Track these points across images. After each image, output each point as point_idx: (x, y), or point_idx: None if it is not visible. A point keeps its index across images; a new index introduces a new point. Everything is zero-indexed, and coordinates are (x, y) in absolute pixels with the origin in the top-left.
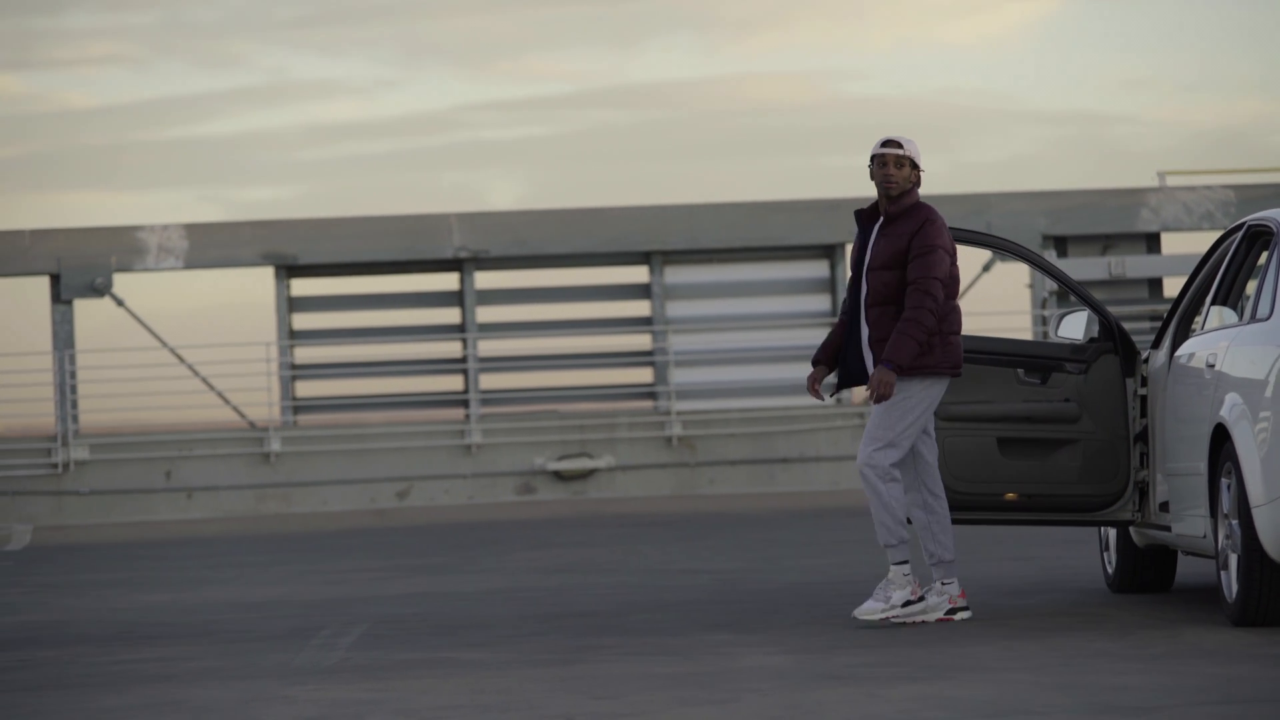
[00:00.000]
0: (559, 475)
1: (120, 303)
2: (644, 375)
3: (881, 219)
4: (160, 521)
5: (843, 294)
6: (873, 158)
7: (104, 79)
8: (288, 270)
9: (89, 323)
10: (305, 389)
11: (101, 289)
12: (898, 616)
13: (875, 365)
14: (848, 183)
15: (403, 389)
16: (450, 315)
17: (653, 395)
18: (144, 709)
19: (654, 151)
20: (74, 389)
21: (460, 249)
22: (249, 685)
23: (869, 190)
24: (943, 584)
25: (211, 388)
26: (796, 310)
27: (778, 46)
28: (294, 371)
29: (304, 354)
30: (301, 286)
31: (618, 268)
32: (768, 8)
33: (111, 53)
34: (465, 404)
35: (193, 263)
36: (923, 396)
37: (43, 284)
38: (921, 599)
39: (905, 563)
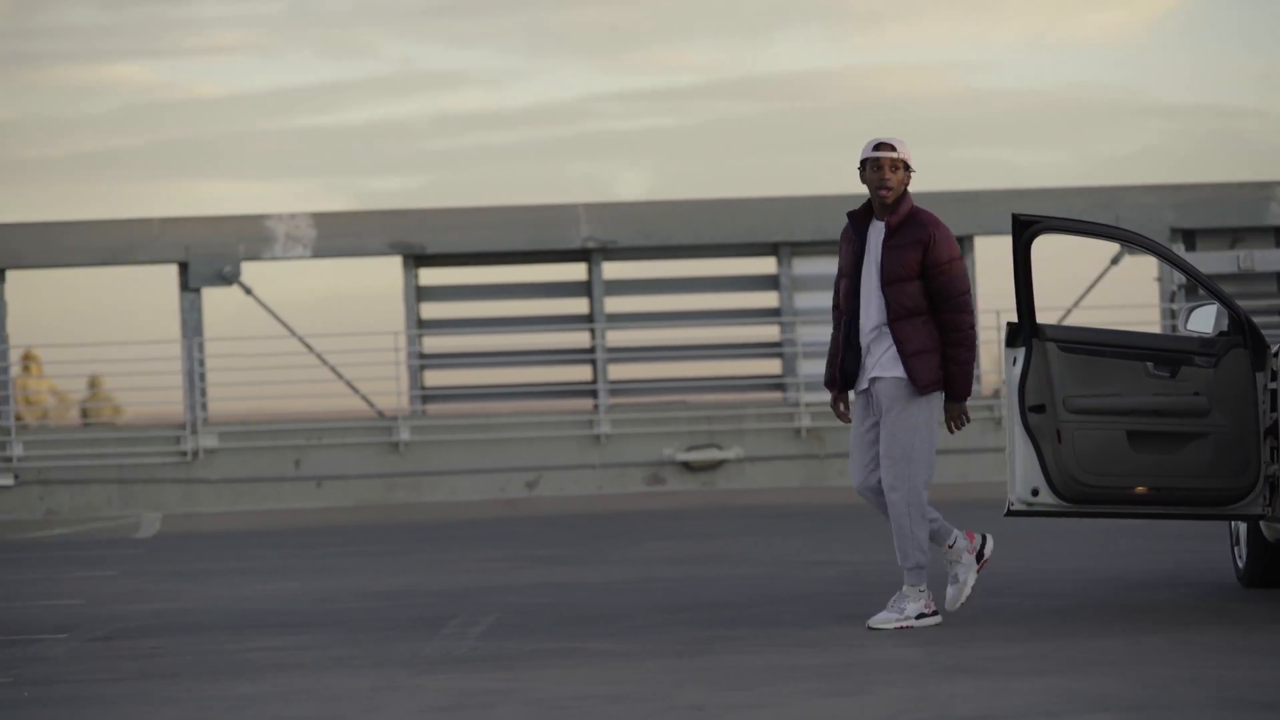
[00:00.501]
0: (688, 466)
1: (248, 291)
2: (772, 366)
3: (884, 229)
4: (289, 510)
5: (972, 286)
6: (865, 161)
7: (233, 68)
8: (416, 260)
9: (217, 311)
10: (434, 378)
11: (229, 277)
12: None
13: (918, 383)
14: (975, 175)
15: (531, 379)
16: (578, 305)
17: (781, 387)
18: (274, 697)
19: (782, 143)
20: (203, 377)
21: (588, 239)
22: (378, 674)
23: (995, 181)
24: (951, 556)
25: (340, 377)
26: None
27: (906, 39)
28: (422, 361)
29: (432, 343)
30: (429, 276)
31: (745, 259)
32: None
33: (241, 42)
34: (594, 394)
35: (321, 252)
36: (939, 407)
37: (171, 272)
38: (935, 612)
39: (923, 584)
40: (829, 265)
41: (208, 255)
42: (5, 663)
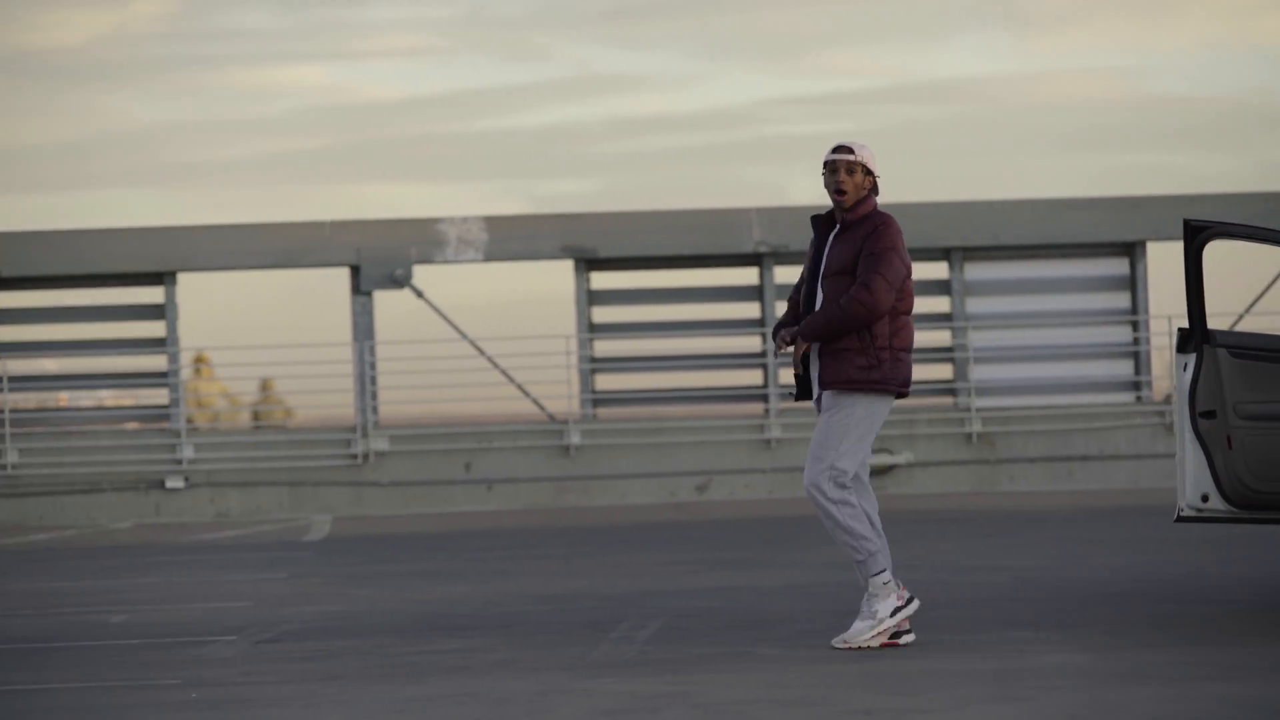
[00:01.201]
0: None
1: (420, 294)
2: (944, 371)
3: (837, 227)
4: (459, 513)
5: (1142, 292)
6: (824, 164)
7: (408, 71)
8: (587, 263)
9: (388, 314)
10: (605, 382)
11: (401, 280)
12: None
13: (822, 379)
14: (1149, 180)
15: (702, 383)
16: (750, 310)
17: (952, 391)
18: (442, 700)
19: (957, 147)
20: (374, 380)
21: (760, 244)
22: (546, 677)
23: (1168, 187)
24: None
25: (511, 380)
26: (1096, 308)
27: (1085, 43)
28: (593, 364)
29: (603, 347)
30: (601, 280)
31: (917, 263)
32: (1077, 4)
33: (415, 45)
34: (765, 399)
35: (492, 255)
36: (865, 414)
37: (343, 275)
38: (910, 599)
39: (883, 571)
40: (1002, 270)
41: (380, 258)
42: (174, 665)
